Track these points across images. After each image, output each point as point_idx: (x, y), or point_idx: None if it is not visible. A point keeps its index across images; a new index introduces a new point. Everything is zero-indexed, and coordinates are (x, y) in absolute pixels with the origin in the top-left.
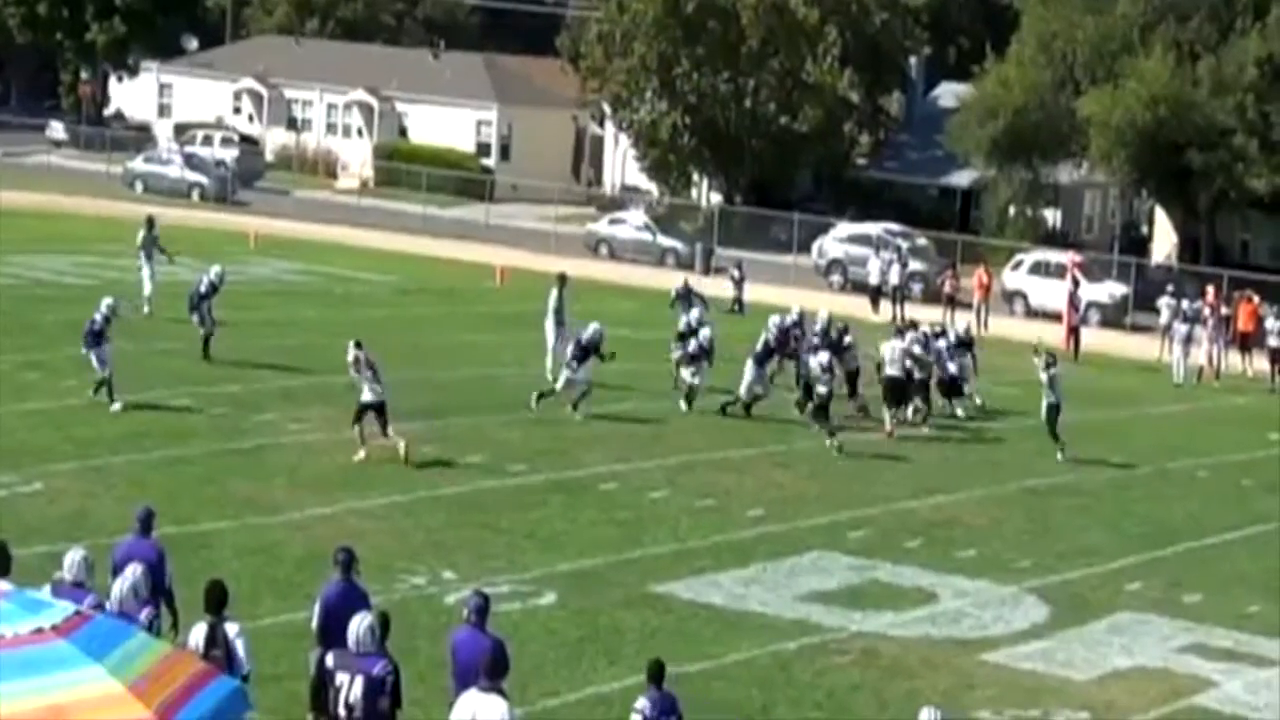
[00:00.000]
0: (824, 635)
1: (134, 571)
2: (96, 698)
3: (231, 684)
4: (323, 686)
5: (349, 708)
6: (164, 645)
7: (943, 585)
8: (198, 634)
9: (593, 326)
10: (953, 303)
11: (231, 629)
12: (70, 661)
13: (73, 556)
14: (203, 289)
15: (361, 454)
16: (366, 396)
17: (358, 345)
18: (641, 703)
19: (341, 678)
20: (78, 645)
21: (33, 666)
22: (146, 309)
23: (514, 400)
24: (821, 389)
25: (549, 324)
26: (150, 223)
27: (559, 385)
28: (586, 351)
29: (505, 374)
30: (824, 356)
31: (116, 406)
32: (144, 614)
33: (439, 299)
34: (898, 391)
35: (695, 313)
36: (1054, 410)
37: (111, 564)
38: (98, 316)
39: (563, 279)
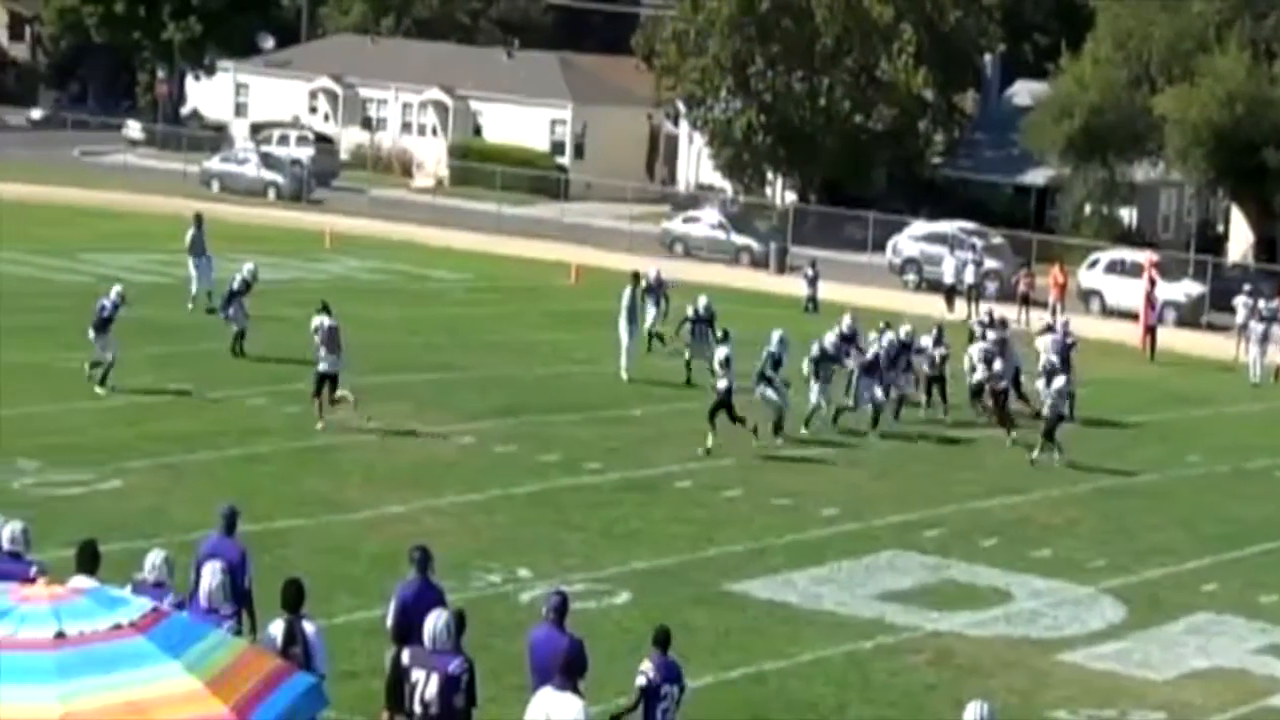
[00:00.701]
0: (899, 635)
1: (218, 569)
2: (174, 694)
3: (308, 680)
4: (398, 684)
5: (424, 705)
6: (241, 643)
7: (1018, 585)
8: (275, 632)
9: (777, 336)
10: (1028, 301)
11: (309, 627)
12: (148, 658)
13: (154, 557)
14: (235, 286)
15: (320, 425)
16: (321, 366)
17: (325, 310)
18: (646, 665)
19: (417, 675)
20: (156, 642)
21: (112, 662)
22: (190, 306)
23: (588, 399)
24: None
25: (622, 322)
26: (199, 220)
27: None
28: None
29: (579, 372)
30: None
31: (101, 391)
32: (226, 626)
33: (513, 297)
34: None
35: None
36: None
37: (195, 562)
38: (106, 303)
39: (636, 277)
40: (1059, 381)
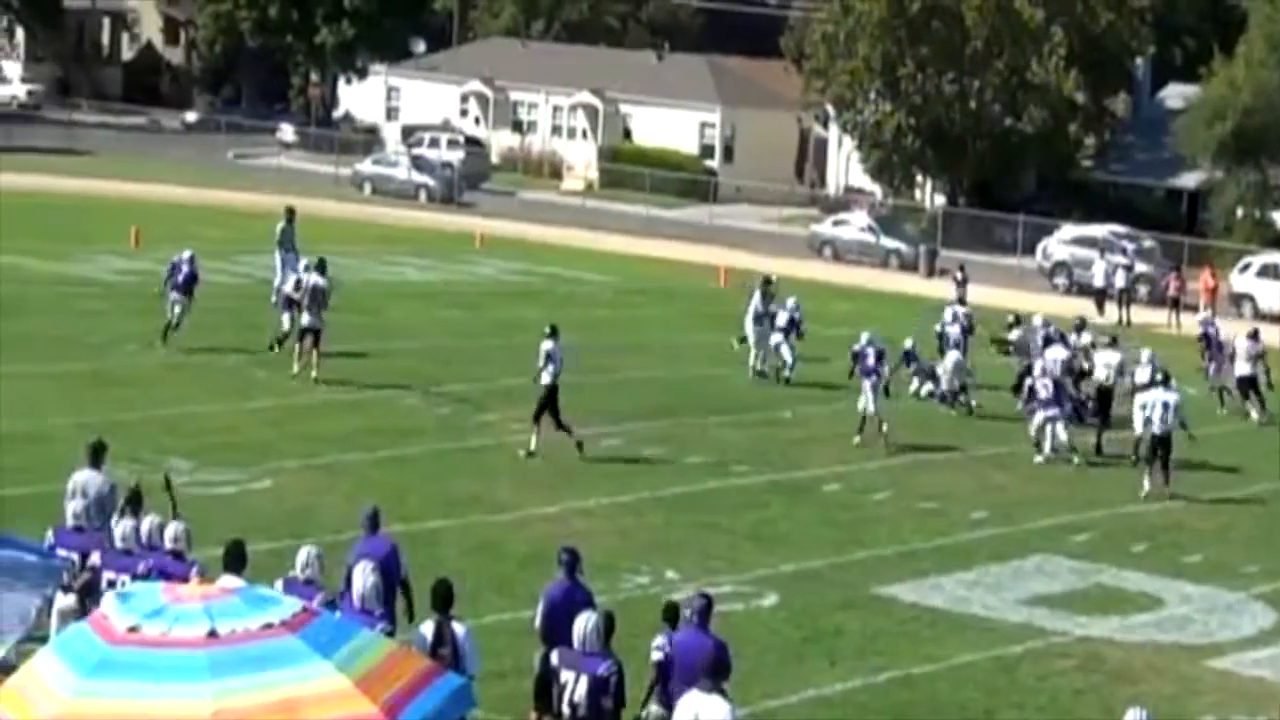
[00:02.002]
0: (1048, 639)
1: (369, 569)
2: (325, 693)
3: (457, 681)
4: (547, 685)
5: (573, 706)
6: (391, 643)
7: (1168, 590)
8: (425, 632)
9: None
10: (1178, 305)
11: (458, 628)
12: (299, 657)
13: (305, 554)
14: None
15: (295, 368)
16: (304, 320)
17: (320, 269)
18: (660, 640)
19: (566, 676)
20: (306, 641)
21: (263, 661)
22: (274, 299)
23: (736, 401)
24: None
25: (748, 323)
26: (290, 214)
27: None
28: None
29: (727, 374)
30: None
31: (162, 350)
32: (379, 627)
33: (661, 300)
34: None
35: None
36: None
37: (347, 564)
38: (184, 265)
39: (767, 282)
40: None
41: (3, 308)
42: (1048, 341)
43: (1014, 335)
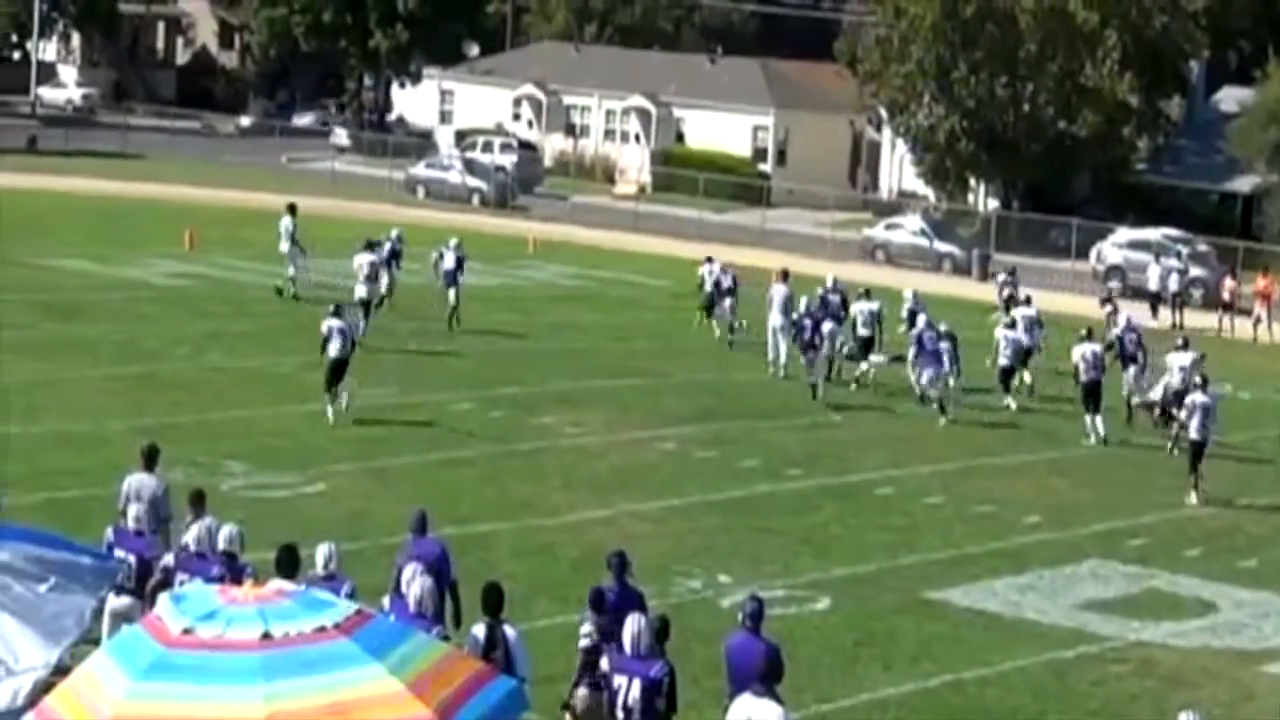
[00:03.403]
0: (1101, 644)
1: (420, 571)
2: (377, 696)
3: (510, 684)
4: (604, 684)
5: (626, 710)
6: (443, 646)
7: (1222, 595)
8: (477, 636)
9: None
10: (1230, 309)
11: (510, 631)
12: (352, 660)
13: (325, 550)
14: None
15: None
16: (359, 293)
17: (370, 248)
18: (587, 627)
19: (619, 680)
20: (359, 644)
21: (316, 664)
22: (291, 290)
23: (789, 404)
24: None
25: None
26: (292, 209)
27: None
28: None
29: (781, 378)
30: None
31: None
32: (435, 631)
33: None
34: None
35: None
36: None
37: (396, 568)
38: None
39: (785, 275)
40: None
41: (59, 311)
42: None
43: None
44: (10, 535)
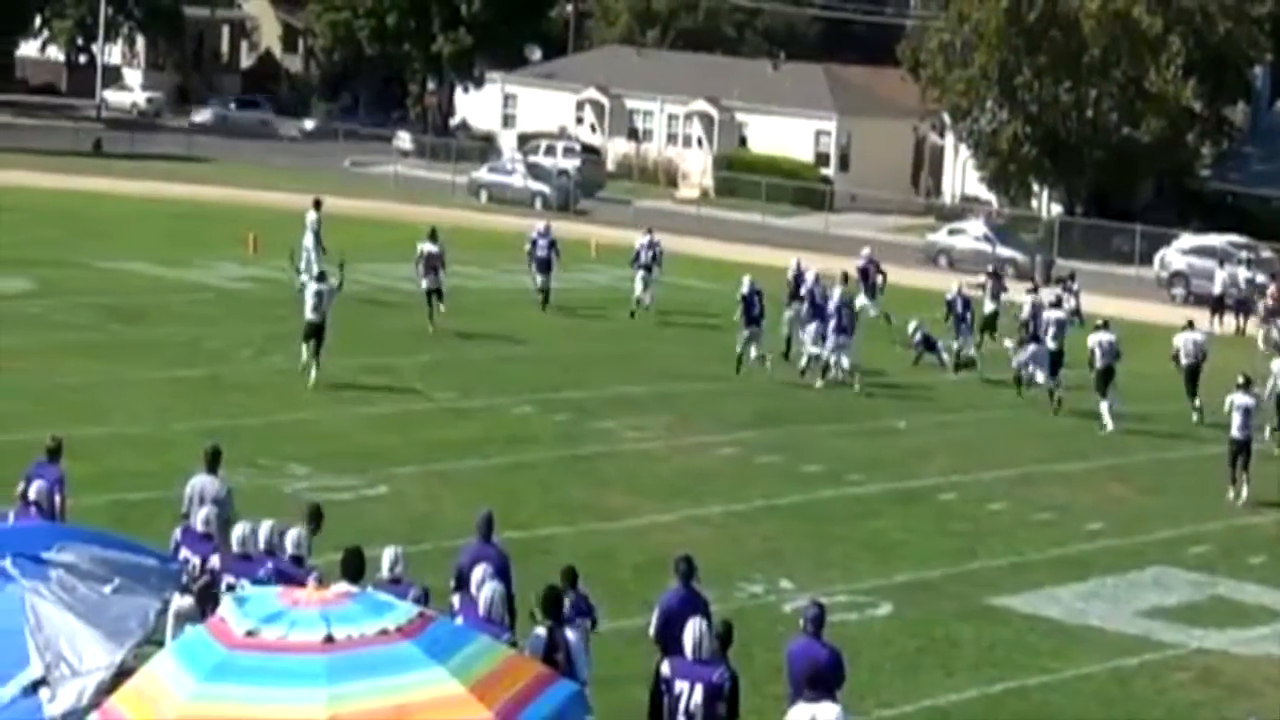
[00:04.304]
0: (1164, 652)
1: (489, 573)
2: (439, 698)
3: (571, 688)
4: (661, 693)
5: (689, 715)
6: (504, 649)
7: None
8: (538, 639)
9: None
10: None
11: (571, 635)
12: (414, 663)
13: (391, 554)
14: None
15: (430, 329)
16: (423, 284)
17: (432, 238)
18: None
19: (680, 685)
20: (422, 647)
21: (378, 667)
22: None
23: (851, 410)
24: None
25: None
26: (317, 204)
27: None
28: None
29: (841, 383)
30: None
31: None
32: (504, 638)
33: (776, 307)
34: None
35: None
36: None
37: (456, 570)
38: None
39: (845, 277)
40: None
41: (124, 314)
42: None
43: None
44: (76, 537)
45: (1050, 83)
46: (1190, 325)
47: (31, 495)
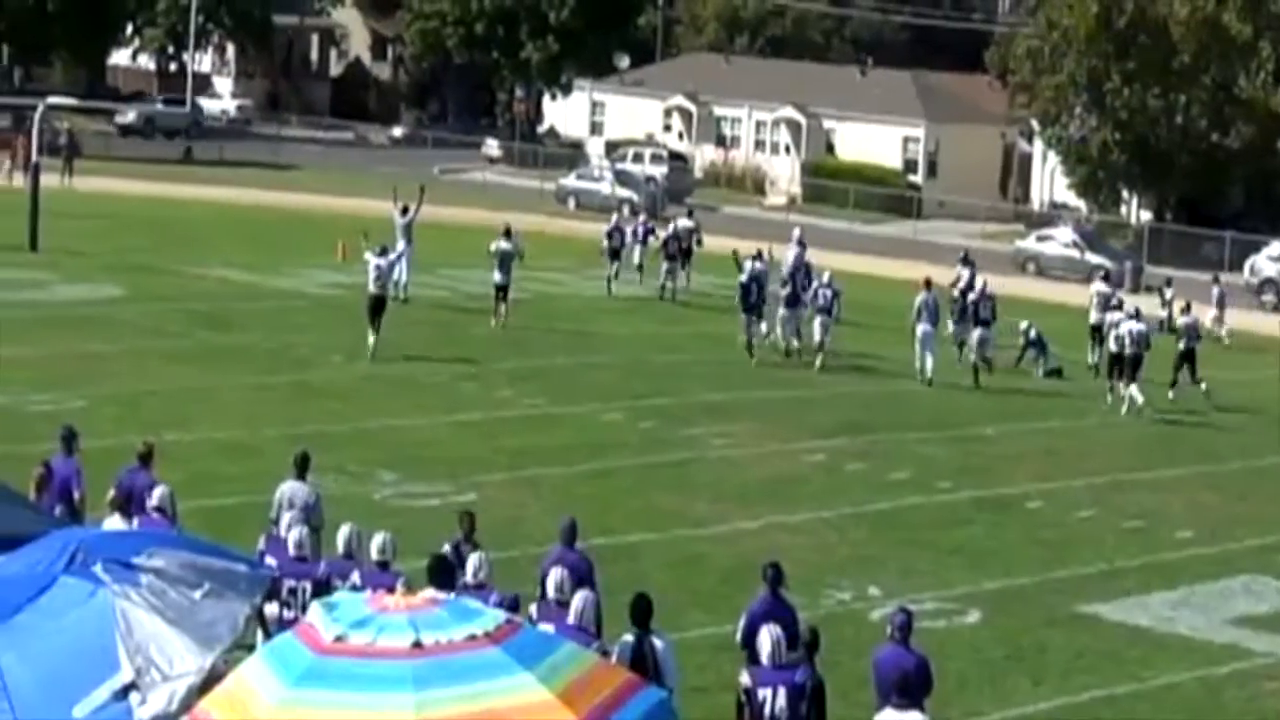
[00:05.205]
0: (1255, 661)
1: (575, 580)
2: (528, 704)
3: (658, 695)
4: (747, 700)
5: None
6: (592, 656)
7: None
8: (625, 646)
9: None
10: None
11: (658, 642)
12: (502, 669)
13: (476, 559)
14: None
15: (493, 322)
16: (495, 278)
17: (506, 235)
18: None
19: (763, 693)
20: (509, 653)
21: (466, 673)
22: (402, 296)
23: (939, 416)
24: None
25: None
26: (405, 210)
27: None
28: None
29: (930, 390)
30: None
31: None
32: (594, 645)
33: (863, 314)
34: None
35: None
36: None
37: (540, 574)
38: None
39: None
40: None
41: (215, 320)
42: None
43: None
44: (166, 542)
45: (1139, 89)
46: (1136, 315)
47: (154, 502)
